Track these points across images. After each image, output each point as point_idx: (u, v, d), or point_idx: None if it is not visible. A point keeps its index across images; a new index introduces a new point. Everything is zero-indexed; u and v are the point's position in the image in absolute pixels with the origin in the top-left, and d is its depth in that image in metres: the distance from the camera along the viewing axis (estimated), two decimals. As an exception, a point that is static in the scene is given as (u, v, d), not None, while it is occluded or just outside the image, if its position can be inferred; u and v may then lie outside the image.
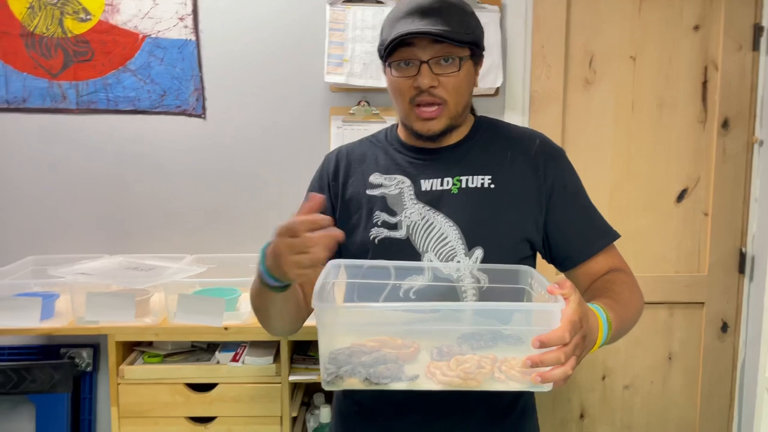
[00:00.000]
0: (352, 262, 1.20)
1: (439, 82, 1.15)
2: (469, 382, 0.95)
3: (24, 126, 2.29)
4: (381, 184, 1.24)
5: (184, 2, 2.25)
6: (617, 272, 1.23)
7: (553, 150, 1.27)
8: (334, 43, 2.23)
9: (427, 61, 1.14)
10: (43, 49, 2.25)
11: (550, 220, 1.22)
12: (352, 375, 0.97)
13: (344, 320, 1.03)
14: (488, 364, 0.96)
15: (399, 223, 1.21)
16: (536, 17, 2.29)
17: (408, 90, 1.17)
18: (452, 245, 1.18)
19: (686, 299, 2.41)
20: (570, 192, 1.24)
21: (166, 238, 2.36)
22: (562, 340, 0.91)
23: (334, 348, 0.99)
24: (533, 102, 2.32)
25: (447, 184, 1.21)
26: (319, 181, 1.32)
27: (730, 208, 2.37)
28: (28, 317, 1.93)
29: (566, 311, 0.93)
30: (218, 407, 1.97)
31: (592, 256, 1.23)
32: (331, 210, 1.28)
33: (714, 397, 2.46)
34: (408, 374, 0.97)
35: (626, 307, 1.13)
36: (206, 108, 2.31)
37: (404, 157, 1.26)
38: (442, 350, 1.00)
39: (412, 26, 1.14)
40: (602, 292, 1.15)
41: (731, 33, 2.29)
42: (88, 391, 2.34)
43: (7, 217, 2.33)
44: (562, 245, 1.24)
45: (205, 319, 1.89)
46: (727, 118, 2.33)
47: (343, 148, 1.34)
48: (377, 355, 0.98)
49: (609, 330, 1.04)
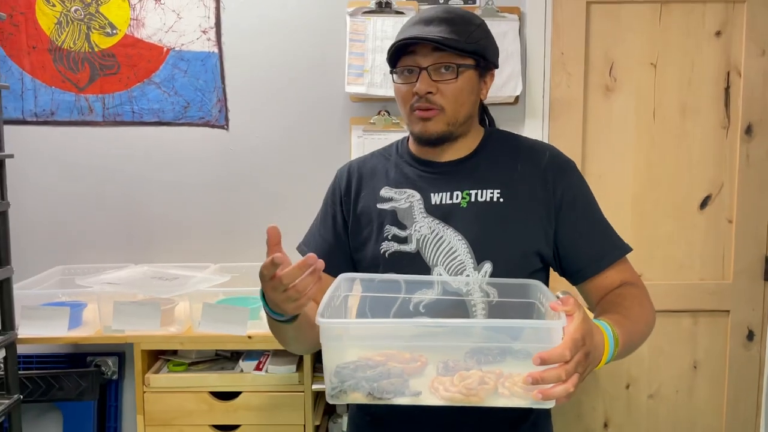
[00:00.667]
0: (364, 275, 1.22)
1: (438, 89, 1.17)
2: (471, 398, 0.95)
3: (52, 138, 2.35)
4: (391, 198, 1.25)
5: (207, 16, 2.29)
6: (629, 286, 1.22)
7: (563, 162, 1.26)
8: (354, 54, 2.25)
9: (426, 67, 1.16)
10: (70, 63, 2.30)
11: (560, 234, 1.22)
12: (356, 389, 0.98)
13: (348, 335, 1.04)
14: (492, 380, 0.96)
15: (409, 236, 1.22)
16: (555, 25, 2.29)
17: (408, 96, 1.19)
18: (461, 259, 1.19)
19: (711, 307, 2.38)
20: (580, 205, 1.24)
21: (190, 248, 2.39)
22: (563, 358, 0.90)
23: (340, 362, 1.00)
24: (553, 110, 2.31)
25: (456, 198, 1.22)
26: (332, 197, 1.34)
27: (755, 215, 2.34)
28: (56, 326, 1.96)
29: (569, 328, 0.93)
30: (242, 415, 1.98)
31: (603, 269, 1.22)
32: (343, 226, 1.30)
33: (740, 407, 2.42)
34: (412, 389, 0.97)
35: (635, 323, 1.12)
36: (229, 119, 2.34)
37: (414, 171, 1.27)
38: (448, 365, 1.00)
39: (413, 33, 1.17)
40: (612, 306, 1.15)
41: (753, 38, 2.27)
42: (114, 399, 2.37)
43: (36, 227, 2.38)
44: (573, 259, 1.23)
45: (229, 327, 1.91)
46: (751, 124, 2.31)
47: (354, 162, 1.36)
48: (382, 369, 0.99)
49: (615, 346, 1.03)
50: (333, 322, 1.01)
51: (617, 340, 1.04)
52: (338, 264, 1.27)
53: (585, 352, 0.93)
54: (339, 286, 1.16)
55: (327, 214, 1.33)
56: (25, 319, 1.96)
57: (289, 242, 2.50)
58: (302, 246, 1.36)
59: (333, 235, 1.31)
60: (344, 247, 1.30)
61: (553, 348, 0.91)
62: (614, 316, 1.09)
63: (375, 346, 1.03)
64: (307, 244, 1.35)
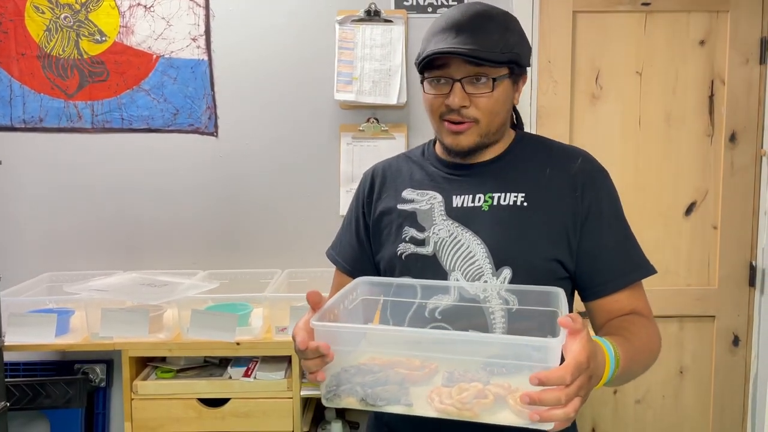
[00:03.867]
0: (382, 280, 1.19)
1: (471, 101, 1.12)
2: (464, 412, 0.91)
3: (41, 145, 2.34)
4: (413, 199, 1.21)
5: (197, 23, 2.30)
6: (638, 316, 1.16)
7: (596, 170, 1.21)
8: (343, 62, 2.27)
9: (459, 79, 1.11)
10: (59, 70, 2.30)
11: (582, 246, 1.16)
12: (350, 394, 0.96)
13: (343, 340, 1.01)
14: (492, 394, 0.91)
15: (427, 239, 1.18)
16: (542, 33, 2.31)
17: (439, 107, 1.14)
18: (479, 264, 1.15)
19: (697, 312, 2.41)
20: (606, 218, 1.18)
21: (179, 255, 2.39)
22: (562, 381, 0.84)
23: (345, 365, 0.98)
24: (540, 117, 2.34)
25: (478, 201, 1.17)
26: (356, 200, 1.32)
27: (739, 222, 2.37)
28: (43, 333, 1.96)
29: (574, 348, 0.87)
30: (230, 422, 1.98)
31: (621, 289, 1.16)
32: (365, 229, 1.28)
33: (726, 411, 2.44)
34: (406, 399, 0.95)
35: (639, 351, 1.07)
36: (218, 126, 2.35)
37: (439, 172, 1.23)
38: (453, 375, 0.95)
39: (444, 44, 1.10)
40: (618, 330, 1.10)
41: (737, 47, 2.30)
42: (101, 407, 2.36)
43: (24, 234, 2.37)
44: (590, 274, 1.17)
45: (217, 334, 1.91)
46: (735, 132, 2.34)
47: (380, 164, 1.32)
48: (381, 375, 0.96)
49: (615, 368, 0.98)
50: (327, 326, 0.98)
51: (618, 362, 0.99)
52: (364, 268, 1.26)
53: (588, 375, 0.88)
54: (355, 289, 1.13)
55: (351, 219, 1.32)
56: (12, 326, 1.95)
57: (283, 246, 2.51)
58: (330, 251, 1.36)
59: (357, 240, 1.29)
60: (368, 251, 1.28)
61: (553, 369, 0.85)
62: (618, 339, 1.03)
63: (377, 352, 1.00)
64: (335, 248, 1.35)
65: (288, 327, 1.98)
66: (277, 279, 2.21)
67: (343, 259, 1.32)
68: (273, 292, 2.06)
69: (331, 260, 1.35)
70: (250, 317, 2.07)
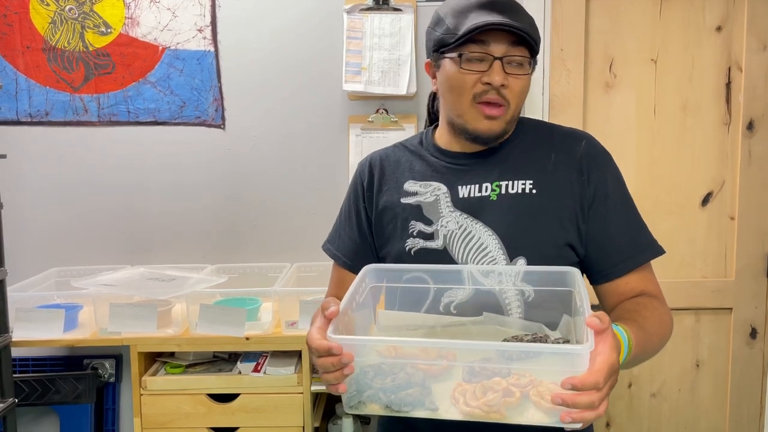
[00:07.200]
0: (391, 266, 1.16)
1: (508, 82, 1.09)
2: (492, 415, 0.89)
3: (47, 139, 2.32)
4: (416, 192, 1.18)
5: (203, 14, 2.27)
6: (649, 297, 1.15)
7: (599, 153, 1.19)
8: (351, 51, 2.23)
9: (501, 57, 1.08)
10: (64, 63, 2.28)
11: (590, 229, 1.15)
12: (373, 401, 0.93)
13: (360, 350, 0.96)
14: (518, 390, 0.89)
15: (435, 232, 1.15)
16: (554, 21, 2.27)
17: (473, 86, 1.10)
18: (492, 255, 1.12)
19: (713, 305, 2.36)
20: (612, 200, 1.16)
21: (187, 249, 2.37)
22: (596, 386, 0.83)
23: (362, 365, 0.94)
24: (552, 106, 2.29)
25: (486, 190, 1.15)
26: (354, 192, 1.27)
27: (757, 212, 2.32)
28: (51, 329, 1.95)
29: (605, 351, 0.86)
30: (240, 418, 1.96)
31: (631, 270, 1.15)
32: (367, 224, 1.24)
33: (744, 405, 2.40)
34: (430, 402, 0.92)
35: (650, 336, 1.06)
36: (225, 118, 2.32)
37: (441, 163, 1.20)
38: (474, 369, 0.93)
39: (490, 18, 1.06)
40: (630, 314, 1.09)
41: (755, 32, 2.24)
42: (111, 402, 2.35)
43: (31, 229, 2.35)
44: (599, 258, 1.16)
45: (226, 329, 1.89)
46: (752, 120, 2.29)
47: (376, 154, 1.28)
48: (401, 376, 0.93)
49: (627, 356, 0.99)
50: (343, 339, 0.92)
51: (630, 350, 0.99)
52: (365, 262, 1.22)
53: (617, 375, 0.88)
54: (364, 279, 1.10)
55: (351, 211, 1.27)
56: (20, 322, 1.94)
57: (292, 239, 2.48)
58: (327, 245, 1.31)
59: (358, 233, 1.25)
60: (371, 245, 1.24)
61: (586, 374, 0.84)
62: (632, 325, 1.03)
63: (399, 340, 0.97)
64: (332, 242, 1.30)
65: (297, 321, 1.95)
66: (286, 273, 2.18)
67: (343, 254, 1.27)
68: (282, 286, 2.03)
69: (330, 255, 1.31)
70: (260, 312, 2.05)
